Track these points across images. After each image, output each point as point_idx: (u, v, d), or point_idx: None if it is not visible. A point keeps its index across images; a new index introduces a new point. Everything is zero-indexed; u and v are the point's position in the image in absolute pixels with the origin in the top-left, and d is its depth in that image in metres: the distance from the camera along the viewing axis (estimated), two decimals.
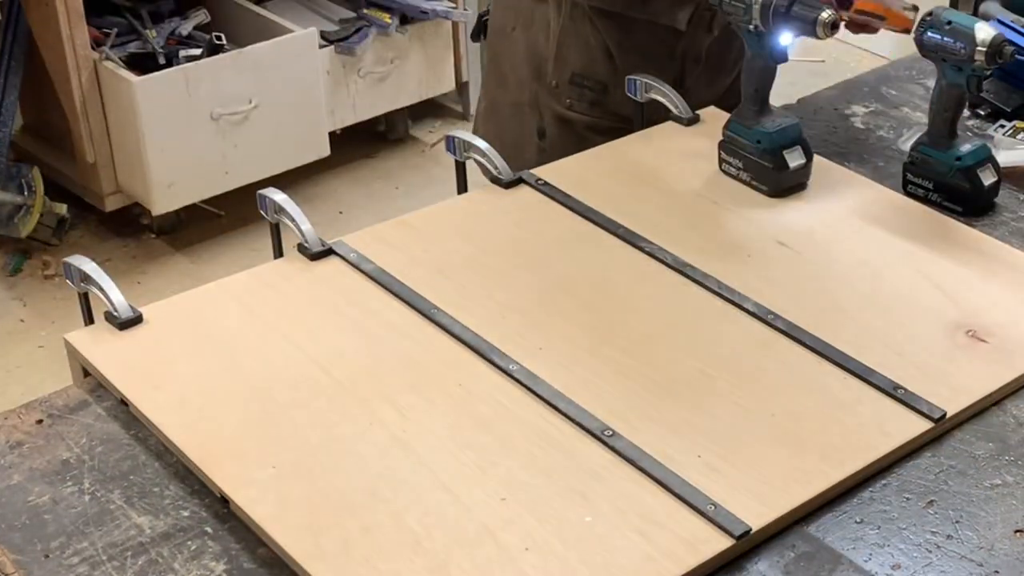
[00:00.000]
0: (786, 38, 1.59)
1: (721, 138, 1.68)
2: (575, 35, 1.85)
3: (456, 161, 1.72)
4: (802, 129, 1.66)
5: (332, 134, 3.54)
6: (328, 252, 1.53)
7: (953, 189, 1.64)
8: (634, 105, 1.82)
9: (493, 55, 2.01)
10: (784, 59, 1.62)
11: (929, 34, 1.61)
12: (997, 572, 1.15)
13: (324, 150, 3.50)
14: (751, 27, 1.59)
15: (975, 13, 1.98)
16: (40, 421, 1.32)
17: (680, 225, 1.60)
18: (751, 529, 1.16)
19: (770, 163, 1.63)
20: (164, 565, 1.15)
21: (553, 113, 1.91)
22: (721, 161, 1.68)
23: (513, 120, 1.97)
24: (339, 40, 3.52)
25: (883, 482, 1.25)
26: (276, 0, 3.65)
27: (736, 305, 1.45)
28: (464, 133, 1.69)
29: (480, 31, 2.11)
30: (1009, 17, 1.93)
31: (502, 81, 1.99)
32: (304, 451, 1.25)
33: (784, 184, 1.64)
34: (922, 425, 1.29)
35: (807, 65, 4.36)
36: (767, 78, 1.64)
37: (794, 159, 1.63)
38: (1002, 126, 1.83)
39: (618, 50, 1.83)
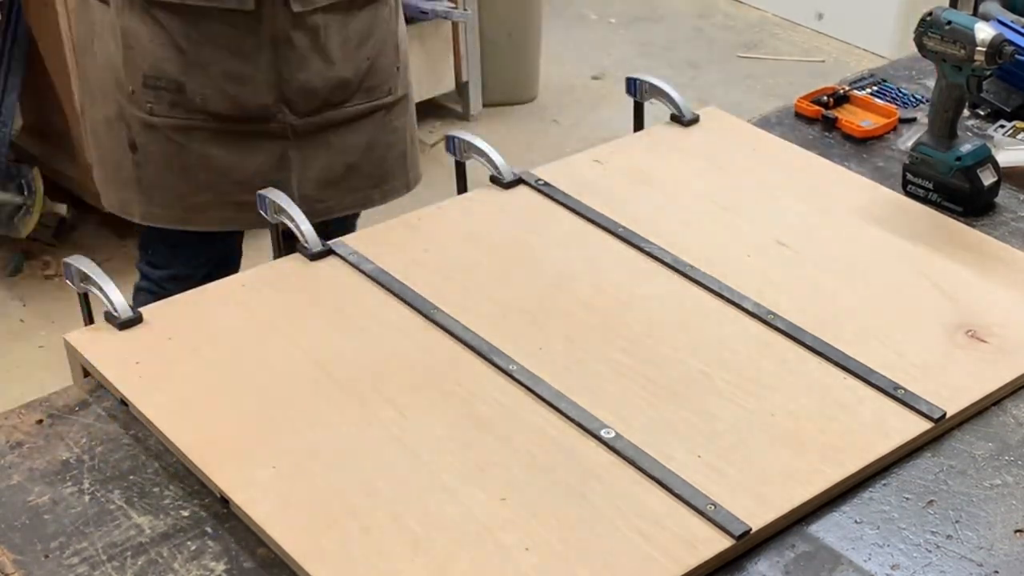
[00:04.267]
0: None
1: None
2: (137, 35, 1.71)
3: (456, 161, 1.72)
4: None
5: None
6: (328, 252, 1.53)
7: (953, 189, 1.64)
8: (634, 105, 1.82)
9: (82, 73, 1.88)
10: None
11: (929, 34, 1.61)
12: (997, 572, 1.15)
13: None
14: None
15: (975, 13, 1.98)
16: (40, 421, 1.32)
17: (680, 225, 1.60)
18: (751, 529, 1.16)
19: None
20: (164, 565, 1.15)
21: (140, 121, 1.78)
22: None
23: (108, 136, 1.85)
24: None
25: (883, 482, 1.25)
26: None
27: (736, 305, 1.45)
28: (464, 133, 1.69)
29: None
30: (1009, 17, 1.93)
31: (93, 98, 1.86)
32: (304, 451, 1.25)
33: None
34: (922, 425, 1.29)
35: (807, 65, 4.36)
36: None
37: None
38: (1002, 126, 1.83)
39: (188, 43, 1.69)
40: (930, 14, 1.62)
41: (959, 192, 1.64)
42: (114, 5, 1.73)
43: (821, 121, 1.86)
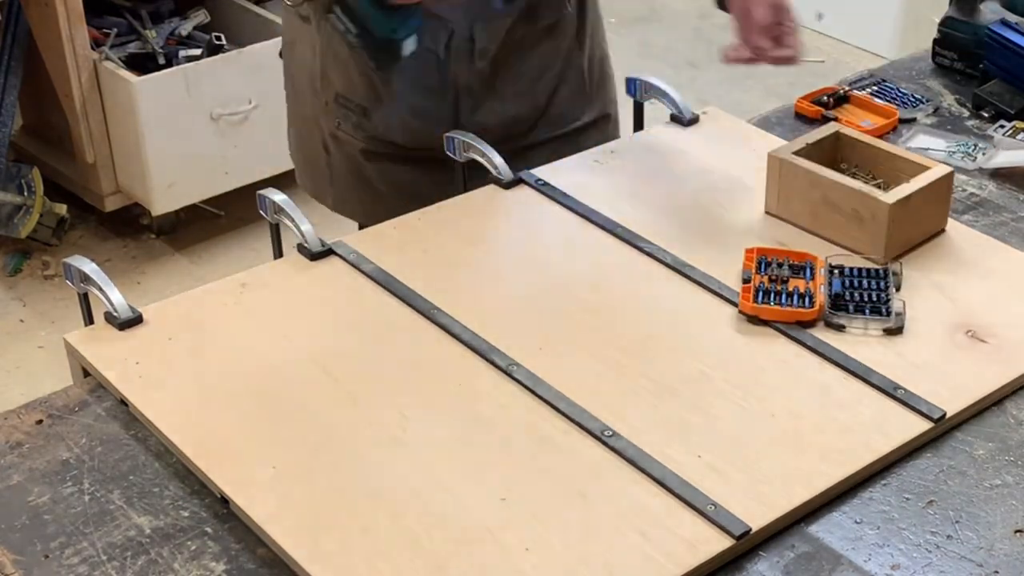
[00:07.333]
0: None
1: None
2: (334, 56, 1.77)
3: (455, 161, 1.72)
4: None
5: None
6: (328, 252, 1.53)
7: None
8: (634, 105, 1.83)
9: (285, 67, 1.95)
10: None
11: None
12: (997, 572, 1.15)
13: None
14: None
15: (975, 13, 1.98)
16: (40, 421, 1.32)
17: (680, 225, 1.60)
18: (751, 529, 1.16)
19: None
20: (164, 565, 1.15)
21: (328, 131, 1.85)
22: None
23: (305, 132, 1.92)
24: None
25: (883, 482, 1.25)
26: (276, 0, 3.65)
27: (736, 305, 1.45)
28: (464, 133, 1.69)
29: None
30: (1010, 18, 1.93)
31: (292, 95, 1.94)
32: (304, 451, 1.25)
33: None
34: (922, 425, 1.29)
35: (807, 65, 4.36)
36: None
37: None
38: (1002, 126, 1.83)
39: (377, 75, 1.74)
40: None
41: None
42: (314, 23, 1.78)
43: (821, 121, 1.86)
